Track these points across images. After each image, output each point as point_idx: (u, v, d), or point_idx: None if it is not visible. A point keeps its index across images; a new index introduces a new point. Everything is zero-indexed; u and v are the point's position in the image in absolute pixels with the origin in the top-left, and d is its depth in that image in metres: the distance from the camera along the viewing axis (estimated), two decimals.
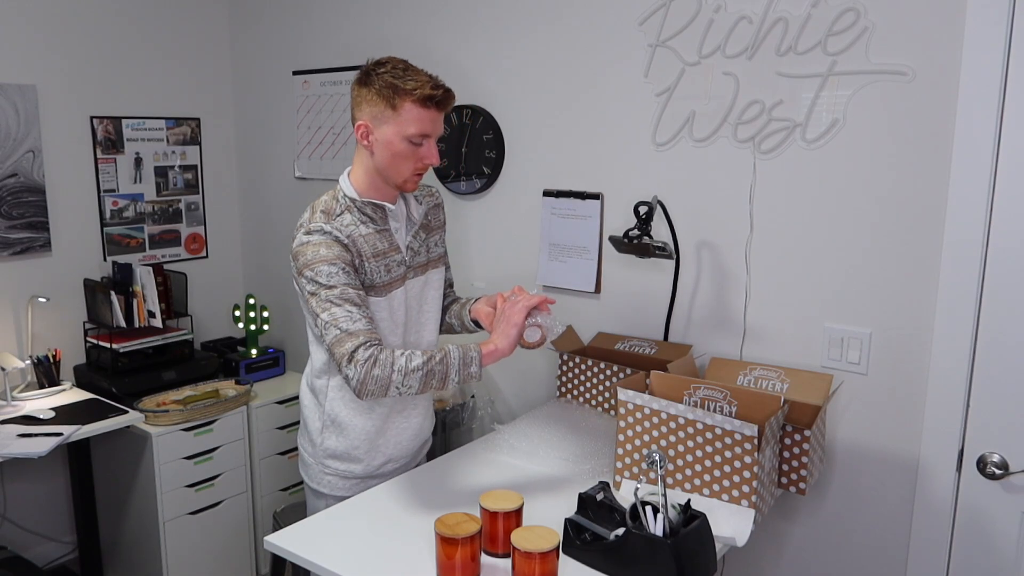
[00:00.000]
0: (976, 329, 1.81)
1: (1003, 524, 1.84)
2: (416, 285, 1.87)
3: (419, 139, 1.70)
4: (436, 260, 1.94)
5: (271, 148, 3.37)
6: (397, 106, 1.67)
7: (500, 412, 2.74)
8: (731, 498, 1.66)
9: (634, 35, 2.24)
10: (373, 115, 1.69)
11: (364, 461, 1.88)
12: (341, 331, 1.61)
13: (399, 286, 1.80)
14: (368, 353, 1.58)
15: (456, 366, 1.61)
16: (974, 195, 1.76)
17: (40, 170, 2.91)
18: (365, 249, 1.73)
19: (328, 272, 1.65)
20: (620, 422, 1.80)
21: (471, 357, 1.62)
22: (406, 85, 1.66)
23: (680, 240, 2.21)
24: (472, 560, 1.42)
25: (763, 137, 2.05)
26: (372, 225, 1.76)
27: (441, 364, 1.60)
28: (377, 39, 2.88)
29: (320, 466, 1.90)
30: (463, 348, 1.63)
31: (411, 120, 1.67)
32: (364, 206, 1.76)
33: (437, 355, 1.62)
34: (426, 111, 1.68)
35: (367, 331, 1.62)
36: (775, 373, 1.93)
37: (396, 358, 1.59)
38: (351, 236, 1.71)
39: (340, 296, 1.64)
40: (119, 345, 2.90)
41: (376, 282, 1.74)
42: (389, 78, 1.67)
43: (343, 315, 1.62)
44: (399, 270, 1.80)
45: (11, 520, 3.00)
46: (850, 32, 1.88)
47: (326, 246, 1.67)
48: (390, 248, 1.78)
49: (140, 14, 3.16)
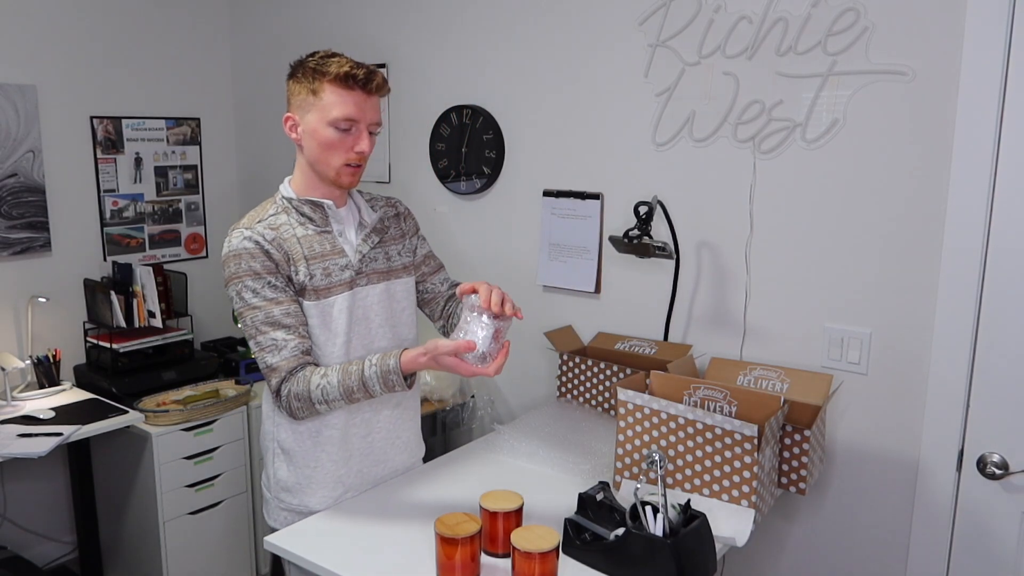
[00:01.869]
0: (976, 329, 1.81)
1: (1003, 524, 1.84)
2: (371, 294, 1.73)
3: (345, 124, 1.60)
4: (400, 270, 1.81)
5: (271, 148, 3.37)
6: (318, 91, 1.59)
7: (500, 412, 2.74)
8: (731, 498, 1.66)
9: (634, 35, 2.24)
10: (298, 105, 1.63)
11: (319, 494, 1.72)
12: (267, 366, 1.60)
13: (342, 291, 1.68)
14: (287, 388, 1.60)
15: (378, 389, 1.57)
16: (974, 195, 1.76)
17: (40, 170, 2.91)
18: (297, 251, 1.63)
19: (252, 289, 1.59)
20: (620, 422, 1.80)
21: (391, 380, 1.56)
22: (326, 67, 1.59)
23: (680, 240, 2.21)
24: (472, 560, 1.42)
25: (763, 137, 2.05)
26: (311, 226, 1.67)
27: (361, 391, 1.57)
28: (377, 39, 2.88)
29: (276, 501, 1.76)
30: (382, 366, 1.56)
31: (333, 104, 1.59)
32: (301, 205, 1.67)
33: (356, 383, 1.56)
34: (348, 92, 1.59)
35: (289, 359, 1.59)
36: (775, 373, 1.93)
37: (311, 391, 1.58)
38: (279, 239, 1.62)
39: (265, 321, 1.59)
40: (119, 345, 2.90)
41: (309, 285, 1.64)
42: (311, 64, 1.60)
43: (268, 345, 1.59)
44: (342, 275, 1.68)
45: (11, 520, 3.00)
46: (850, 32, 1.88)
47: (248, 257, 1.59)
48: (332, 251, 1.68)
49: (140, 14, 3.16)
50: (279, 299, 1.60)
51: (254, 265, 1.59)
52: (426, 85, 2.75)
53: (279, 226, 1.65)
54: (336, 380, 1.58)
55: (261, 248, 1.60)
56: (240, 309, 1.61)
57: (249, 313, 1.60)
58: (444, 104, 2.70)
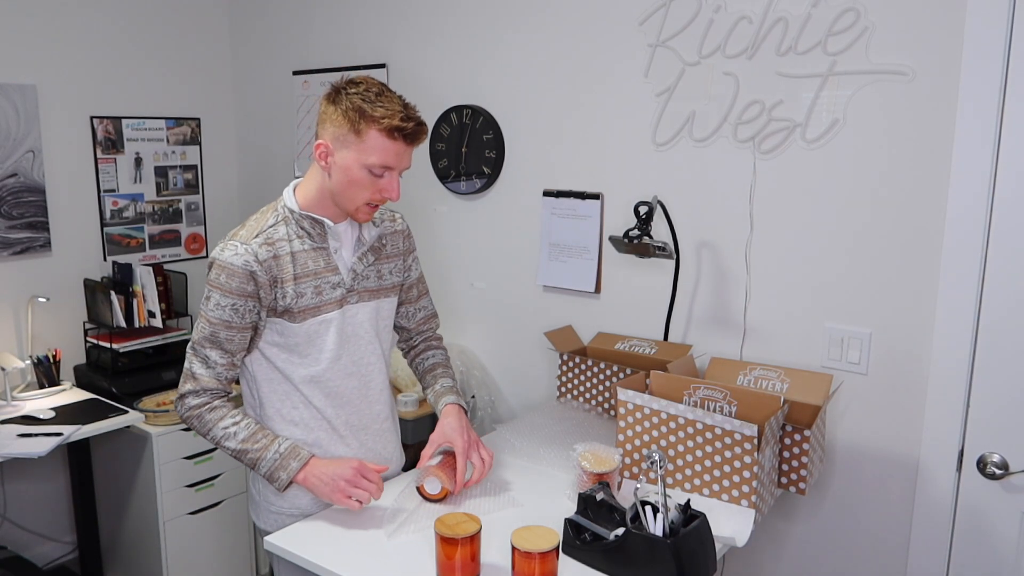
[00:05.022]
0: (976, 329, 1.81)
1: (1003, 524, 1.84)
2: (361, 312, 1.73)
3: (380, 170, 1.59)
4: (389, 289, 1.80)
5: (271, 148, 3.37)
6: (361, 132, 1.55)
7: (500, 412, 2.74)
8: (731, 498, 1.66)
9: (634, 35, 2.24)
10: (335, 136, 1.58)
11: (309, 495, 1.71)
12: (191, 373, 1.64)
13: (332, 310, 1.67)
14: (196, 403, 1.64)
15: (264, 470, 1.63)
16: (974, 195, 1.76)
17: (40, 170, 2.91)
18: (287, 271, 1.62)
19: (218, 303, 1.59)
20: (620, 422, 1.80)
21: (279, 477, 1.62)
22: (375, 112, 1.54)
23: (680, 240, 2.21)
24: (472, 560, 1.42)
25: (763, 137, 2.05)
26: (308, 241, 1.65)
27: (251, 461, 1.64)
28: (377, 39, 2.88)
29: (265, 503, 1.75)
30: (282, 460, 1.62)
31: (374, 149, 1.56)
32: (302, 219, 1.65)
33: (253, 451, 1.62)
34: (392, 143, 1.57)
35: (211, 380, 1.63)
36: (775, 373, 1.93)
37: (214, 429, 1.64)
38: (273, 257, 1.61)
39: (209, 337, 1.61)
40: (119, 345, 2.90)
41: (295, 307, 1.63)
42: (358, 100, 1.55)
43: (201, 357, 1.63)
44: (333, 293, 1.67)
45: (11, 520, 3.00)
46: (850, 32, 1.88)
47: (228, 274, 1.58)
48: (325, 268, 1.66)
49: (140, 14, 3.16)
50: (232, 323, 1.61)
51: (231, 284, 1.59)
52: (426, 85, 2.75)
53: (275, 241, 1.63)
54: (243, 436, 1.63)
55: (248, 271, 1.59)
56: (200, 312, 1.64)
57: (202, 323, 1.63)
58: (444, 104, 2.70)
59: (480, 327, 2.75)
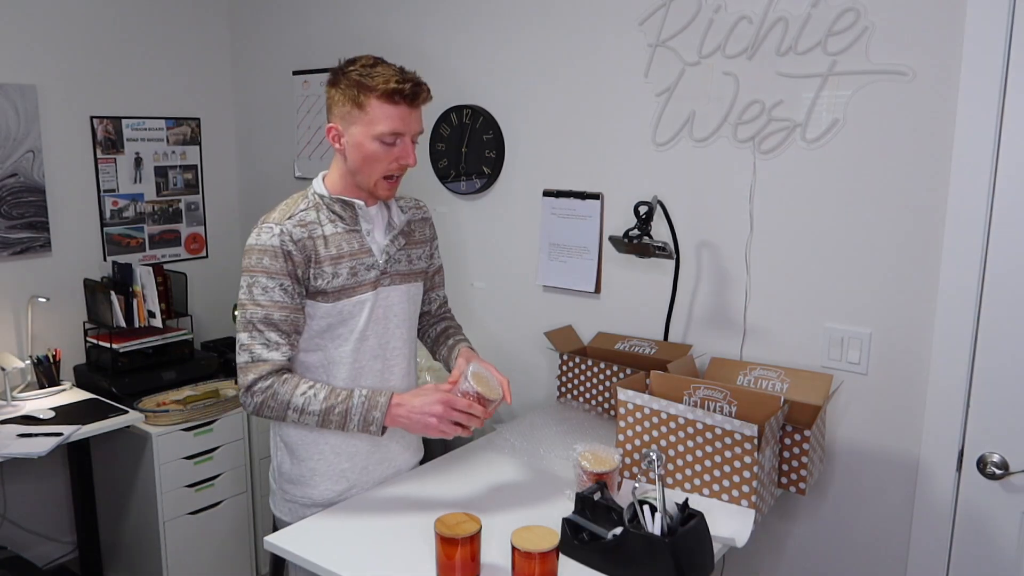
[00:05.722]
0: (976, 329, 1.81)
1: (1003, 524, 1.84)
2: (393, 295, 1.76)
3: (391, 138, 1.62)
4: (418, 273, 1.84)
5: (271, 148, 3.37)
6: (363, 104, 1.59)
7: (500, 412, 2.74)
8: (731, 498, 1.66)
9: (634, 35, 2.24)
10: (342, 116, 1.63)
11: (321, 486, 1.74)
12: (255, 357, 1.61)
13: (367, 291, 1.70)
14: (266, 384, 1.61)
15: (356, 421, 1.61)
16: (974, 195, 1.76)
17: (40, 170, 2.91)
18: (322, 252, 1.64)
19: (264, 286, 1.60)
20: (620, 422, 1.80)
21: (374, 417, 1.61)
22: (371, 81, 1.58)
23: (680, 240, 2.21)
24: (472, 560, 1.42)
25: (763, 137, 2.05)
26: (341, 224, 1.68)
27: (340, 416, 1.61)
28: (377, 39, 2.88)
29: (281, 492, 1.79)
30: (370, 402, 1.61)
31: (379, 117, 1.60)
32: (333, 203, 1.68)
33: (339, 404, 1.60)
34: (394, 107, 1.60)
35: (277, 361, 1.62)
36: (775, 373, 1.93)
37: (294, 397, 1.60)
38: (308, 237, 1.63)
39: (264, 320, 1.61)
40: (119, 345, 2.90)
41: (330, 287, 1.65)
42: (355, 75, 1.59)
43: (260, 342, 1.61)
44: (369, 274, 1.70)
45: (11, 520, 3.00)
46: (850, 32, 1.88)
47: (271, 256, 1.60)
48: (360, 250, 1.69)
49: (140, 14, 3.16)
50: (284, 303, 1.62)
51: (275, 265, 1.61)
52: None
53: (308, 223, 1.66)
54: (323, 395, 1.61)
55: (284, 249, 1.61)
56: (244, 301, 1.63)
57: (252, 308, 1.62)
58: (444, 104, 2.70)
59: (480, 327, 2.75)
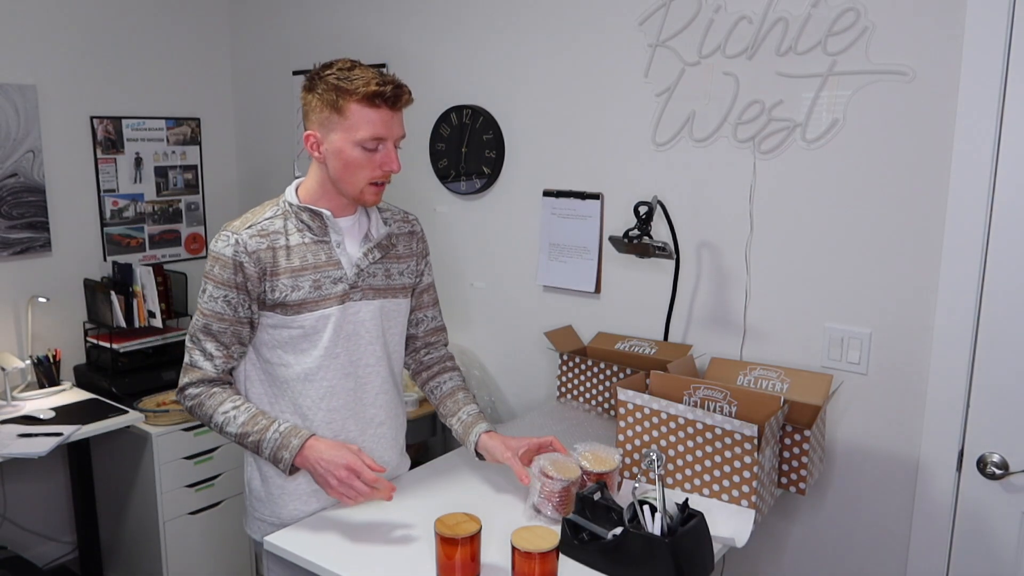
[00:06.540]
0: (976, 329, 1.81)
1: (1003, 524, 1.84)
2: (364, 310, 1.68)
3: (373, 144, 1.55)
4: (399, 289, 1.75)
5: (271, 148, 3.37)
6: (342, 109, 1.53)
7: (500, 412, 2.74)
8: (731, 498, 1.66)
9: (634, 35, 2.24)
10: (320, 122, 1.56)
11: (290, 506, 1.68)
12: (191, 363, 1.64)
13: (331, 305, 1.63)
14: (197, 392, 1.63)
15: (267, 455, 1.60)
16: (974, 195, 1.76)
17: (40, 170, 2.91)
18: (282, 263, 1.59)
19: (211, 295, 1.60)
20: (620, 422, 1.80)
21: (282, 457, 1.57)
22: (350, 85, 1.52)
23: (680, 240, 2.21)
24: (472, 560, 1.42)
25: (763, 137, 2.05)
26: (309, 234, 1.62)
27: (253, 444, 1.60)
28: (377, 39, 2.88)
29: (252, 509, 1.74)
30: (283, 439, 1.58)
31: (359, 123, 1.53)
32: (301, 212, 1.62)
33: (254, 433, 1.59)
34: (376, 111, 1.53)
35: (208, 372, 1.62)
36: (775, 373, 1.93)
37: (215, 414, 1.61)
38: (266, 248, 1.59)
39: (203, 329, 1.61)
40: (119, 345, 2.90)
41: (289, 300, 1.60)
42: (333, 80, 1.53)
43: (199, 350, 1.63)
44: (335, 288, 1.63)
45: (11, 520, 3.00)
46: (850, 32, 1.88)
47: (221, 265, 1.58)
48: (327, 262, 1.63)
49: (140, 14, 3.16)
50: (225, 315, 1.60)
51: (223, 275, 1.59)
52: (426, 85, 2.75)
53: (270, 232, 1.61)
54: (242, 419, 1.61)
55: (235, 261, 1.57)
56: (199, 303, 1.64)
57: (198, 314, 1.64)
58: (444, 104, 2.70)
59: (480, 327, 2.75)
